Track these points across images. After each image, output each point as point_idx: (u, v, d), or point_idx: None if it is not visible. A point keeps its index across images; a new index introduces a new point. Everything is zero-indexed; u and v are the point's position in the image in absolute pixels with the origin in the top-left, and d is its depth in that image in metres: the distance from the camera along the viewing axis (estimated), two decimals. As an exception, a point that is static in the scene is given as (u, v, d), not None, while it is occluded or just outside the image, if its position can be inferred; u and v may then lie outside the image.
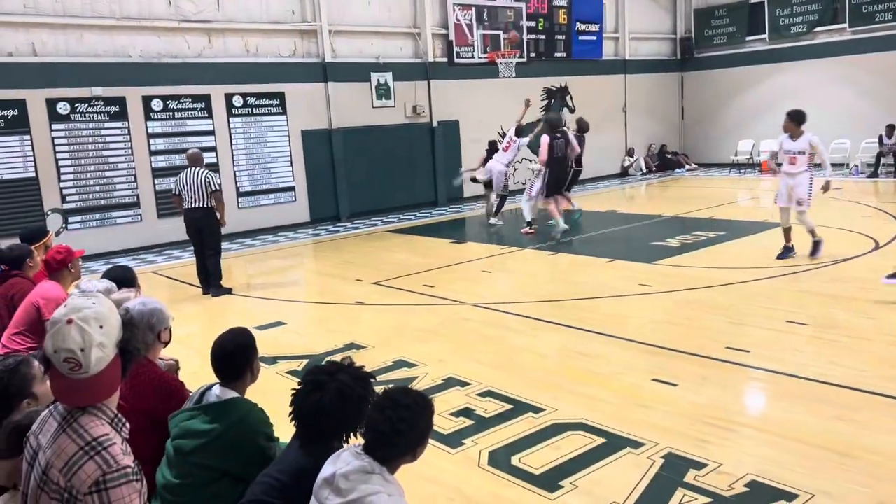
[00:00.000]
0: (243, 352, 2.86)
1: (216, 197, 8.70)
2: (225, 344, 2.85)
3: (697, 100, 21.41)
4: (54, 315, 2.17)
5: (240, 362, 2.83)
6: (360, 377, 2.45)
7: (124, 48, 12.13)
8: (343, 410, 2.35)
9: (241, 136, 13.49)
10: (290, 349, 6.49)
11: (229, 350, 2.84)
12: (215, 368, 2.85)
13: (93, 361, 2.09)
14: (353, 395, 2.38)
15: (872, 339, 5.84)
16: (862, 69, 17.70)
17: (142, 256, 11.97)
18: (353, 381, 2.42)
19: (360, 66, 14.82)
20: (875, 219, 11.26)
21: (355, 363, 2.54)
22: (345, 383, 2.39)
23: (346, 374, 2.43)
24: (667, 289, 7.89)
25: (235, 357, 2.83)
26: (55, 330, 2.11)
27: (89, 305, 2.18)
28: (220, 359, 2.83)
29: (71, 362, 2.07)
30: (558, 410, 4.75)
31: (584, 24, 18.64)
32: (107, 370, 2.13)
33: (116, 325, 2.22)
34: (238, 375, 2.84)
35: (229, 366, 2.83)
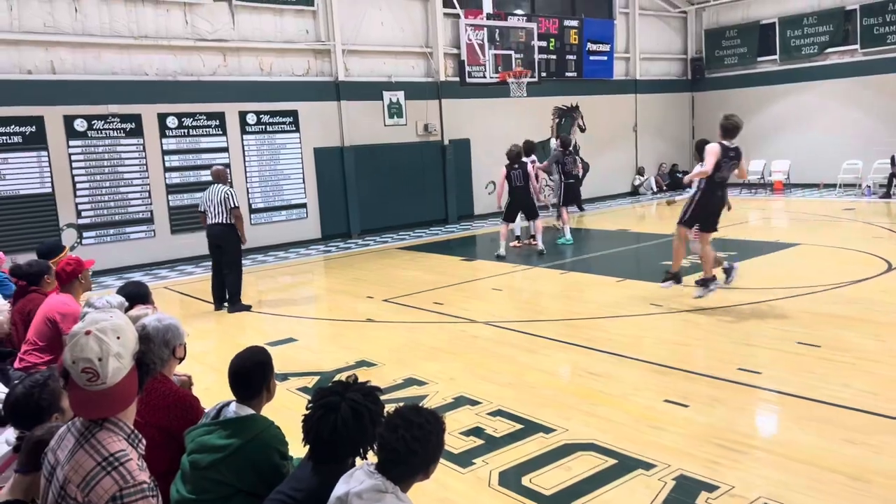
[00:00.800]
0: (260, 370, 2.90)
1: (235, 214, 8.78)
2: (242, 362, 2.89)
3: (708, 120, 21.40)
4: (73, 329, 2.23)
5: (257, 381, 2.87)
6: (369, 392, 2.47)
7: (141, 66, 12.32)
8: (359, 428, 2.37)
9: (255, 153, 13.63)
10: (301, 366, 6.52)
11: (247, 368, 2.88)
12: (232, 386, 2.89)
13: (110, 371, 2.13)
14: (367, 411, 2.40)
15: (885, 361, 5.81)
16: (873, 90, 17.71)
17: (155, 272, 12.07)
18: (364, 397, 2.44)
19: (373, 84, 14.97)
20: (888, 240, 11.21)
21: (359, 379, 2.55)
22: (357, 401, 2.41)
23: (355, 392, 2.44)
24: (677, 309, 7.88)
25: (252, 375, 2.87)
26: (74, 341, 2.17)
27: (107, 318, 2.24)
28: (237, 377, 2.87)
29: (89, 372, 2.12)
30: (569, 431, 4.75)
31: (595, 45, 18.76)
32: (123, 381, 2.18)
33: (133, 338, 2.28)
34: (255, 394, 2.87)
35: (246, 384, 2.86)
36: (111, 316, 2.30)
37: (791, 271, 9.47)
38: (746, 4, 20.07)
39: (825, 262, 10.11)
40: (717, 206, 7.76)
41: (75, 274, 4.80)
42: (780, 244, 11.31)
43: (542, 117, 18.08)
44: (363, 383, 2.52)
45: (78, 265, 4.83)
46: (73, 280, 4.80)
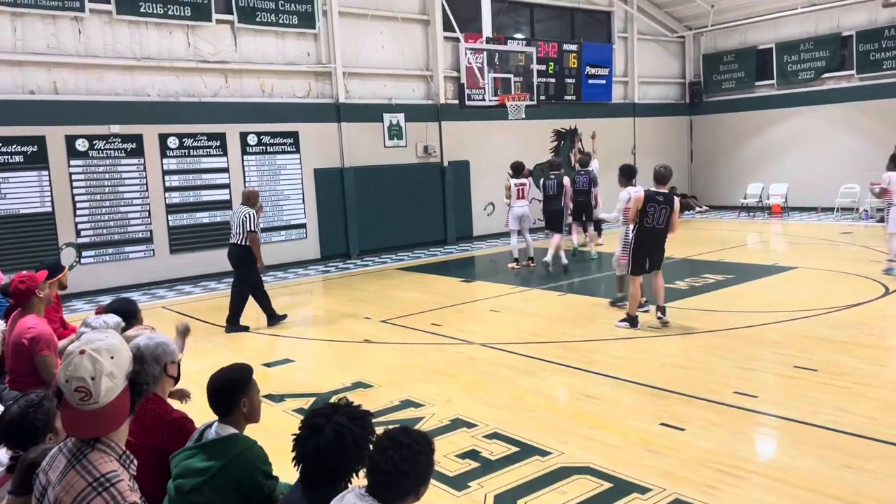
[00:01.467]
0: (232, 387, 2.85)
1: (250, 237, 8.82)
2: (215, 380, 2.88)
3: (706, 143, 21.58)
4: (68, 348, 2.25)
5: (228, 398, 2.83)
6: (357, 416, 2.44)
7: (143, 87, 12.42)
8: (342, 452, 2.35)
9: (255, 173, 13.69)
10: (297, 387, 6.51)
11: (218, 385, 2.85)
12: (210, 404, 2.88)
13: (103, 390, 2.14)
14: (350, 435, 2.37)
15: (882, 386, 5.80)
16: (869, 115, 17.84)
17: (153, 291, 12.07)
18: (350, 420, 2.41)
19: (373, 106, 15.08)
20: (885, 264, 11.21)
21: (352, 402, 2.54)
22: (341, 424, 2.38)
23: (342, 415, 2.42)
24: (675, 332, 7.88)
25: (224, 392, 2.84)
26: (68, 360, 2.18)
27: (101, 338, 2.27)
28: (210, 394, 2.86)
29: (81, 391, 2.13)
30: (565, 454, 4.74)
31: (594, 68, 18.93)
32: (116, 401, 2.19)
33: (127, 358, 2.30)
34: (228, 411, 2.84)
35: (218, 401, 2.84)
36: (106, 336, 2.32)
37: (789, 295, 9.48)
38: (744, 30, 20.29)
39: (823, 285, 10.12)
40: (646, 250, 8.01)
41: (31, 291, 4.60)
42: (779, 267, 11.33)
43: (540, 140, 18.19)
44: (353, 407, 2.50)
45: (31, 281, 4.63)
46: (31, 298, 4.60)
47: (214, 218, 13.22)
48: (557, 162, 13.38)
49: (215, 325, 9.29)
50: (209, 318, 9.69)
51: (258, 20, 13.43)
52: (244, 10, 13.24)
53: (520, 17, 18.08)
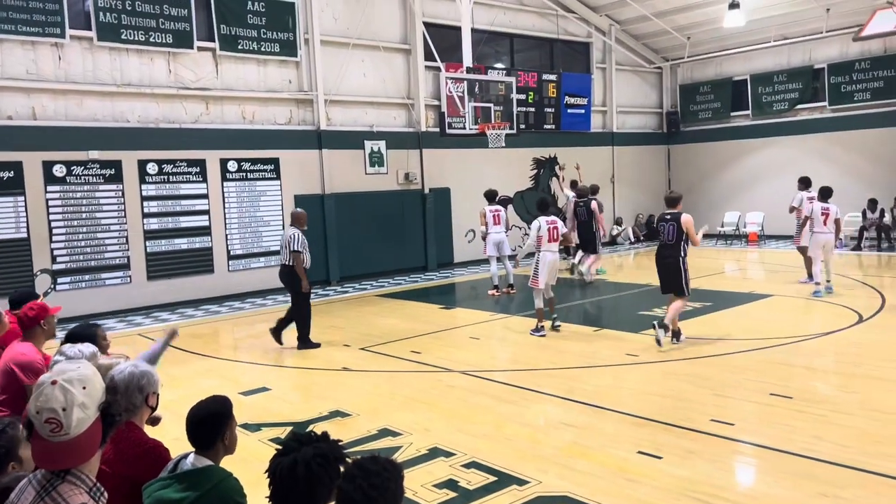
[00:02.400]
0: (215, 420, 2.83)
1: (294, 257, 8.92)
2: (198, 412, 2.84)
3: (684, 172, 21.89)
4: (40, 378, 2.22)
5: (211, 431, 2.81)
6: (321, 454, 2.33)
7: (123, 113, 12.39)
8: (307, 485, 2.30)
9: (235, 199, 13.65)
10: (274, 416, 6.44)
11: (201, 417, 2.82)
12: (189, 436, 2.85)
13: (73, 421, 2.12)
14: (316, 468, 2.30)
15: (856, 413, 5.86)
16: (842, 146, 18.23)
17: (130, 318, 11.92)
18: (314, 456, 2.34)
19: (355, 134, 15.15)
20: (859, 291, 11.40)
21: (325, 434, 2.47)
22: (306, 457, 2.32)
23: (309, 448, 2.36)
24: (653, 359, 7.92)
25: (207, 425, 2.81)
26: (39, 391, 2.15)
27: (73, 368, 2.24)
28: (192, 426, 2.82)
29: (52, 423, 2.10)
30: (543, 483, 4.72)
31: (573, 98, 19.21)
32: (87, 432, 2.16)
33: (100, 388, 2.28)
34: (210, 444, 2.81)
35: (201, 434, 2.81)
36: (78, 366, 2.29)
37: (765, 322, 9.58)
38: (719, 61, 20.72)
39: (798, 313, 10.25)
40: (658, 267, 8.87)
41: (37, 320, 4.56)
42: (754, 295, 11.46)
43: (520, 168, 18.37)
44: (322, 441, 2.42)
45: (41, 311, 4.61)
46: (35, 326, 4.56)
47: (193, 244, 13.14)
48: (586, 189, 14.08)
49: (192, 353, 9.19)
50: (186, 346, 9.57)
51: (240, 48, 13.49)
52: (226, 38, 13.31)
53: (500, 48, 18.35)
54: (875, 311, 9.86)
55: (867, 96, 17.89)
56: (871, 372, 7.01)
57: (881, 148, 17.68)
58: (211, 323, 11.48)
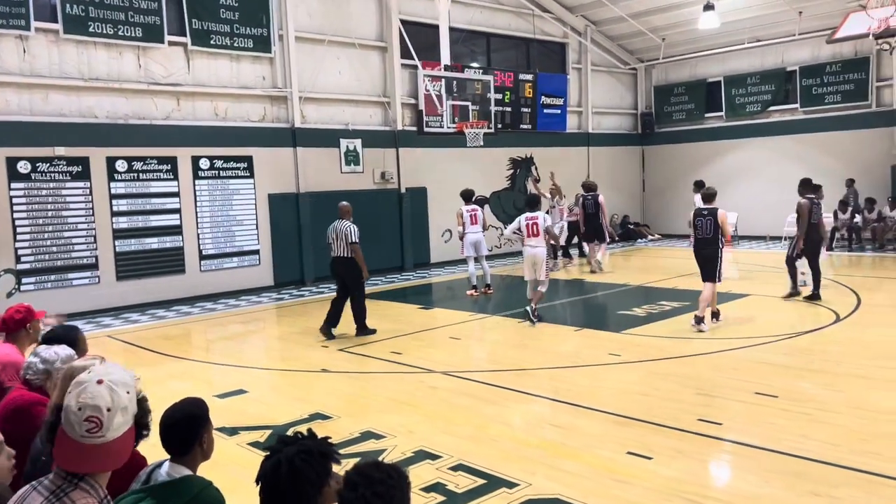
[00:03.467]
0: (191, 423, 2.63)
1: (353, 248, 9.34)
2: (172, 415, 2.64)
3: (658, 172, 22.02)
4: (80, 377, 2.18)
5: (188, 435, 2.61)
6: (306, 450, 2.18)
7: (91, 109, 12.03)
8: (292, 488, 2.14)
9: (207, 198, 13.34)
10: (251, 419, 6.23)
11: (176, 421, 2.62)
12: (163, 442, 2.65)
13: (115, 424, 2.10)
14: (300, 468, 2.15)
15: (842, 412, 5.84)
16: (814, 147, 18.46)
17: (98, 319, 11.57)
18: (298, 453, 2.19)
19: (330, 132, 14.93)
20: (834, 291, 11.49)
21: (312, 435, 2.31)
22: (289, 457, 2.17)
23: (292, 447, 2.21)
24: (636, 358, 7.85)
25: (183, 429, 2.61)
26: (82, 388, 2.12)
27: (117, 372, 2.22)
28: (167, 431, 2.62)
29: (93, 422, 2.07)
30: (532, 485, 4.60)
31: (549, 98, 19.19)
32: (122, 437, 2.15)
33: (135, 397, 2.27)
34: (187, 450, 2.61)
35: (177, 439, 2.61)
36: (120, 370, 2.27)
37: (743, 322, 9.58)
38: (694, 63, 20.87)
39: (775, 312, 10.28)
40: (698, 259, 9.54)
41: (23, 323, 4.39)
42: (731, 295, 11.48)
43: (497, 167, 18.29)
44: (308, 439, 2.25)
45: (28, 314, 4.43)
46: (20, 330, 4.39)
47: (164, 244, 12.81)
48: (593, 184, 15.37)
49: (163, 355, 8.93)
50: (157, 347, 9.32)
51: (212, 43, 13.20)
52: (198, 33, 13.00)
53: (476, 47, 18.25)
54: (851, 309, 9.93)
55: (838, 98, 18.15)
56: (853, 370, 7.02)
57: (852, 150, 17.93)
58: (182, 324, 11.19)
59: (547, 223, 9.88)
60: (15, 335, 4.42)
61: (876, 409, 5.88)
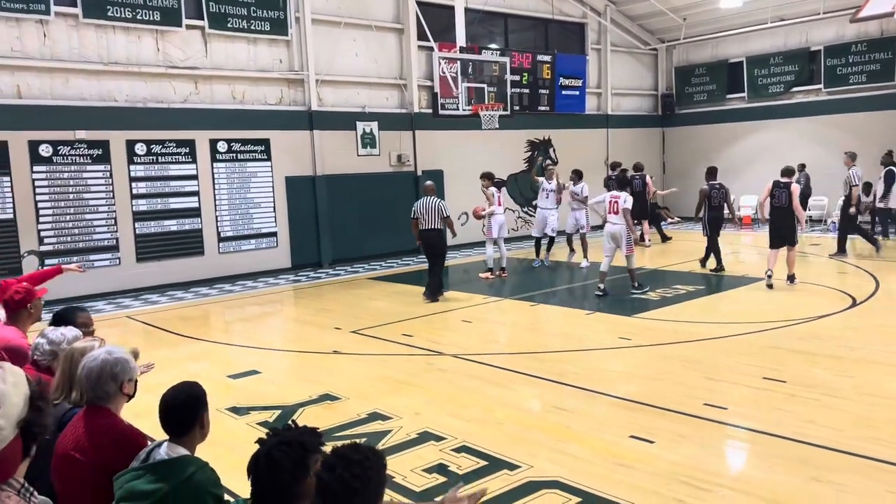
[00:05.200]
0: (189, 405, 2.73)
1: (448, 222, 10.93)
2: (171, 397, 2.74)
3: (678, 154, 21.77)
4: None
5: (185, 416, 2.71)
6: (286, 441, 2.27)
7: (110, 92, 12.18)
8: (273, 474, 2.22)
9: (225, 181, 13.48)
10: (262, 399, 6.35)
11: (175, 403, 2.72)
12: (163, 423, 2.74)
13: None
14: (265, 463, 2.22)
15: (851, 398, 5.81)
16: (837, 129, 18.13)
17: (118, 300, 11.80)
18: (279, 444, 2.27)
19: (346, 114, 14.97)
20: (852, 275, 11.37)
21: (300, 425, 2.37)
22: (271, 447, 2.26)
23: (274, 437, 2.29)
24: (646, 342, 7.86)
25: (180, 411, 2.71)
26: None
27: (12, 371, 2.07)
28: (165, 413, 2.72)
29: None
30: (534, 467, 4.66)
31: (568, 79, 19.02)
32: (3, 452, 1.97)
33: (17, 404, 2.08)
34: (184, 431, 2.71)
35: (174, 420, 2.71)
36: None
37: (758, 306, 9.53)
38: (715, 43, 20.54)
39: (792, 297, 10.20)
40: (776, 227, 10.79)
41: (24, 303, 4.44)
42: (748, 279, 11.41)
43: (514, 150, 18.22)
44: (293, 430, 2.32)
45: (28, 294, 4.48)
46: (22, 310, 4.43)
47: (183, 226, 12.99)
48: (640, 165, 16.67)
49: (181, 336, 9.10)
50: (175, 328, 9.50)
51: (229, 26, 13.26)
52: (215, 16, 13.07)
53: (494, 28, 18.12)
54: (869, 294, 9.81)
55: (863, 79, 17.76)
56: (865, 356, 6.97)
57: (876, 131, 17.57)
58: (201, 305, 11.38)
59: (626, 204, 10.44)
60: (16, 315, 4.45)
61: (885, 394, 5.84)
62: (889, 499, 4.09)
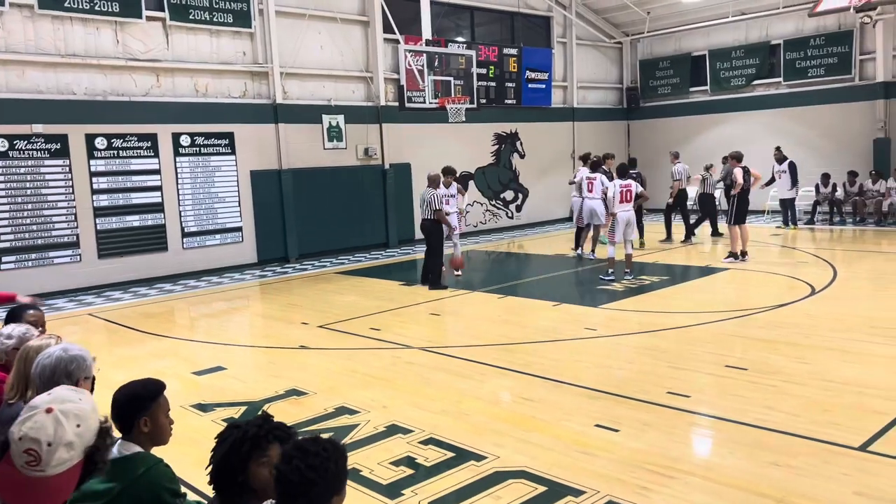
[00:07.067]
0: (132, 403, 2.65)
1: (437, 215, 10.91)
2: (118, 393, 2.69)
3: (643, 147, 21.99)
4: (35, 400, 2.06)
5: (127, 414, 2.65)
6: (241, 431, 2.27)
7: (68, 85, 11.91)
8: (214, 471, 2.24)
9: (188, 175, 13.29)
10: (228, 395, 6.30)
11: (120, 400, 2.66)
12: (111, 418, 2.70)
13: (54, 460, 1.95)
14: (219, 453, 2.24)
15: (807, 383, 5.96)
16: (797, 121, 18.51)
17: (80, 298, 11.58)
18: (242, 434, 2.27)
19: (312, 108, 14.85)
20: (812, 265, 11.63)
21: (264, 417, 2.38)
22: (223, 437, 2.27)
23: (239, 431, 2.30)
24: (612, 333, 7.96)
25: (123, 408, 2.66)
26: (29, 416, 1.98)
27: (75, 400, 2.08)
28: (112, 409, 2.68)
29: (31, 454, 1.93)
30: (500, 458, 4.69)
31: (534, 73, 19.11)
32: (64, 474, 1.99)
33: (93, 428, 2.09)
34: (127, 428, 2.66)
35: (117, 417, 2.66)
36: (80, 399, 2.15)
37: (721, 295, 9.71)
38: (678, 37, 20.79)
39: (753, 286, 10.41)
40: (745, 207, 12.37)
41: None
42: (711, 269, 11.61)
43: (481, 143, 18.27)
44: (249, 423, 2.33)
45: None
46: None
47: (145, 221, 12.78)
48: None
49: (144, 333, 8.97)
50: (138, 326, 9.35)
51: (191, 18, 13.05)
52: (176, 8, 12.84)
53: (460, 21, 18.11)
54: (827, 283, 10.06)
55: (821, 72, 18.15)
56: (822, 343, 7.15)
57: (834, 123, 18.00)
58: (165, 302, 11.22)
59: (639, 189, 11.15)
60: None
61: (840, 380, 6.00)
62: (843, 480, 4.20)
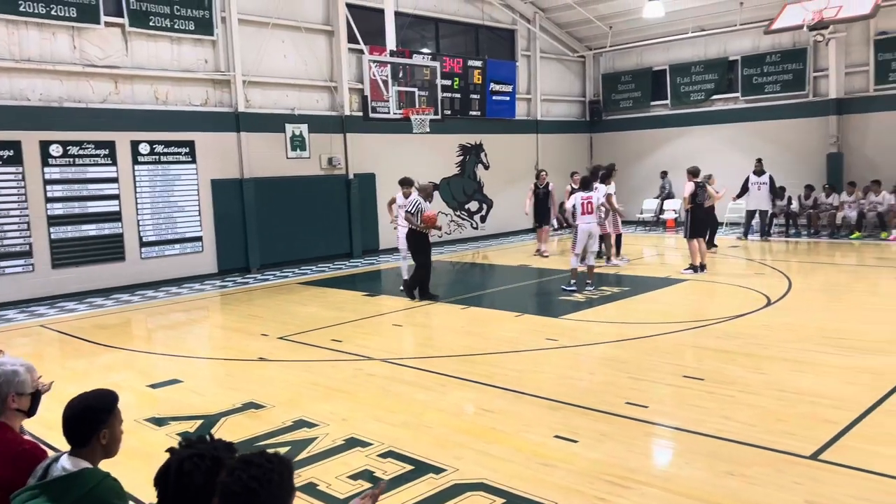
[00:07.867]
0: (90, 416, 2.59)
1: (405, 217, 10.87)
2: (69, 407, 2.60)
3: (605, 159, 22.14)
4: None
5: (85, 428, 2.57)
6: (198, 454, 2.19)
7: (22, 91, 11.63)
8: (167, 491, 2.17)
9: (147, 184, 13.05)
10: (183, 409, 6.17)
11: (75, 411, 2.58)
12: (63, 431, 2.61)
13: None
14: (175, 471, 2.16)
15: (762, 393, 6.06)
16: (754, 136, 18.93)
17: (32, 308, 11.26)
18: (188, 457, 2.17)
19: (275, 116, 14.73)
20: (768, 276, 11.87)
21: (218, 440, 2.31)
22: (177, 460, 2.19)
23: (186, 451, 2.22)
24: (572, 343, 8.01)
25: (79, 421, 2.58)
26: None
27: None
28: (66, 421, 2.58)
29: None
30: (459, 470, 4.67)
31: (498, 85, 19.25)
32: None
33: None
34: (84, 442, 2.58)
35: (73, 430, 2.58)
36: None
37: (680, 306, 9.84)
38: (640, 51, 21.15)
39: (711, 297, 10.58)
40: None
41: None
42: (671, 280, 11.77)
43: (446, 154, 18.31)
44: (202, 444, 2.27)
45: None
46: None
47: (102, 231, 12.51)
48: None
49: (99, 345, 8.75)
50: (93, 337, 9.13)
51: (152, 25, 12.86)
52: (136, 14, 12.65)
53: (426, 32, 18.17)
54: (782, 294, 10.27)
55: (777, 88, 18.63)
56: (777, 353, 7.28)
57: (790, 138, 18.45)
58: (121, 313, 10.98)
59: (601, 200, 11.26)
60: None
61: (794, 390, 6.11)
62: (795, 489, 4.27)
